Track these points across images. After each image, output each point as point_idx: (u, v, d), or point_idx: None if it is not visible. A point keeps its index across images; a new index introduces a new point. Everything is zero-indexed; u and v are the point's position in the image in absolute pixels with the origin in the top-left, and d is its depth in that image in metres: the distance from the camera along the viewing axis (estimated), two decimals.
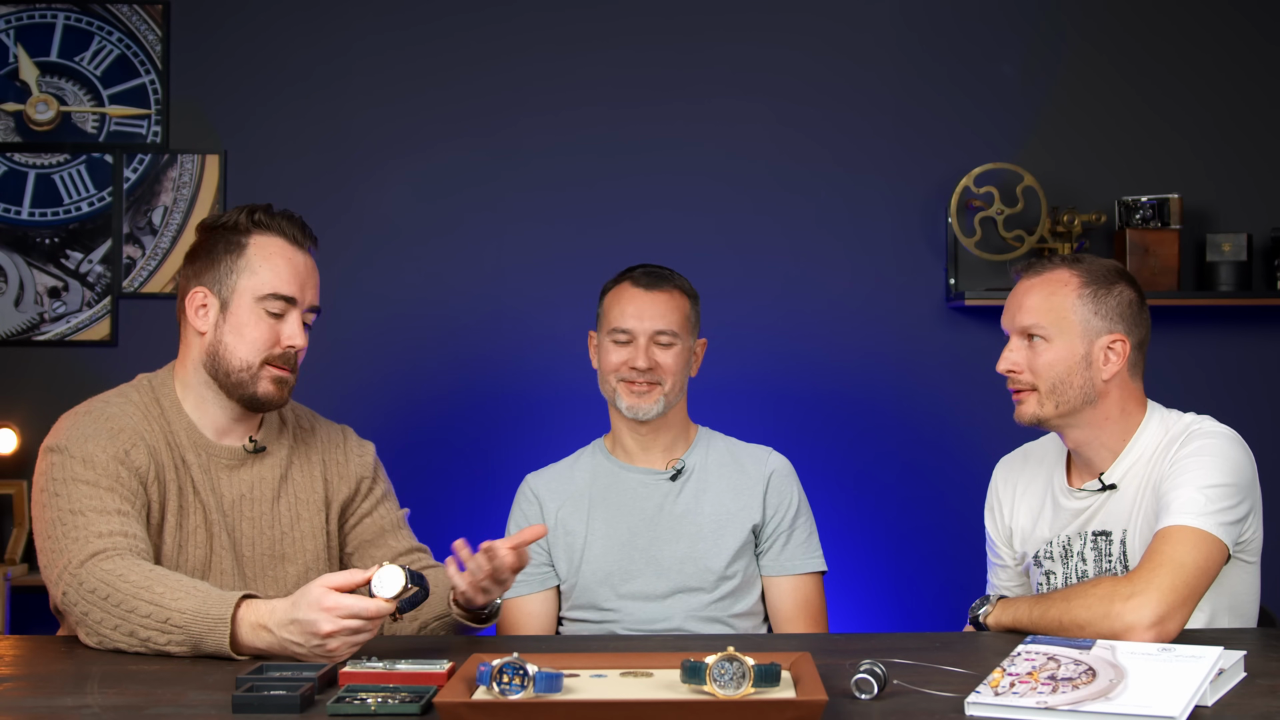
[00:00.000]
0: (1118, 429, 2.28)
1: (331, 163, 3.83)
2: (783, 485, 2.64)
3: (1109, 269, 2.31)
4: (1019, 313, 2.30)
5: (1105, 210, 3.76)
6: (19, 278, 3.78)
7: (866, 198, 3.85)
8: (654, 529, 2.59)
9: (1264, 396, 3.82)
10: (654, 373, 2.57)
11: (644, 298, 2.61)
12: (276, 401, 2.20)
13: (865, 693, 1.68)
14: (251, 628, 1.89)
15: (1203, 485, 2.12)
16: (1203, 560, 2.06)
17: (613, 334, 2.61)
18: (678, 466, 2.63)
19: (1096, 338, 2.26)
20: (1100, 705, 1.59)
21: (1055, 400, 2.26)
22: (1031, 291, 2.30)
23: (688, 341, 2.63)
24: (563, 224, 3.84)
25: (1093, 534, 2.29)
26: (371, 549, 2.32)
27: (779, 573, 2.60)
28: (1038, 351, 2.27)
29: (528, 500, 2.66)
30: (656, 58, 3.85)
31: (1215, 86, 3.86)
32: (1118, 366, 2.26)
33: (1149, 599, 1.99)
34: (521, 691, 1.57)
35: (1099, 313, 2.26)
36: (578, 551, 2.59)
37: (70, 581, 1.98)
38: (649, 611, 2.55)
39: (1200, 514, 2.09)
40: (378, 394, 3.77)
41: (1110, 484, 2.27)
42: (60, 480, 2.07)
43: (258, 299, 2.17)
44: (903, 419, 3.82)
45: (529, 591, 2.58)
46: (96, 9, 3.82)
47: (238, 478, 2.21)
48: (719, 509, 2.59)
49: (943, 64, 3.85)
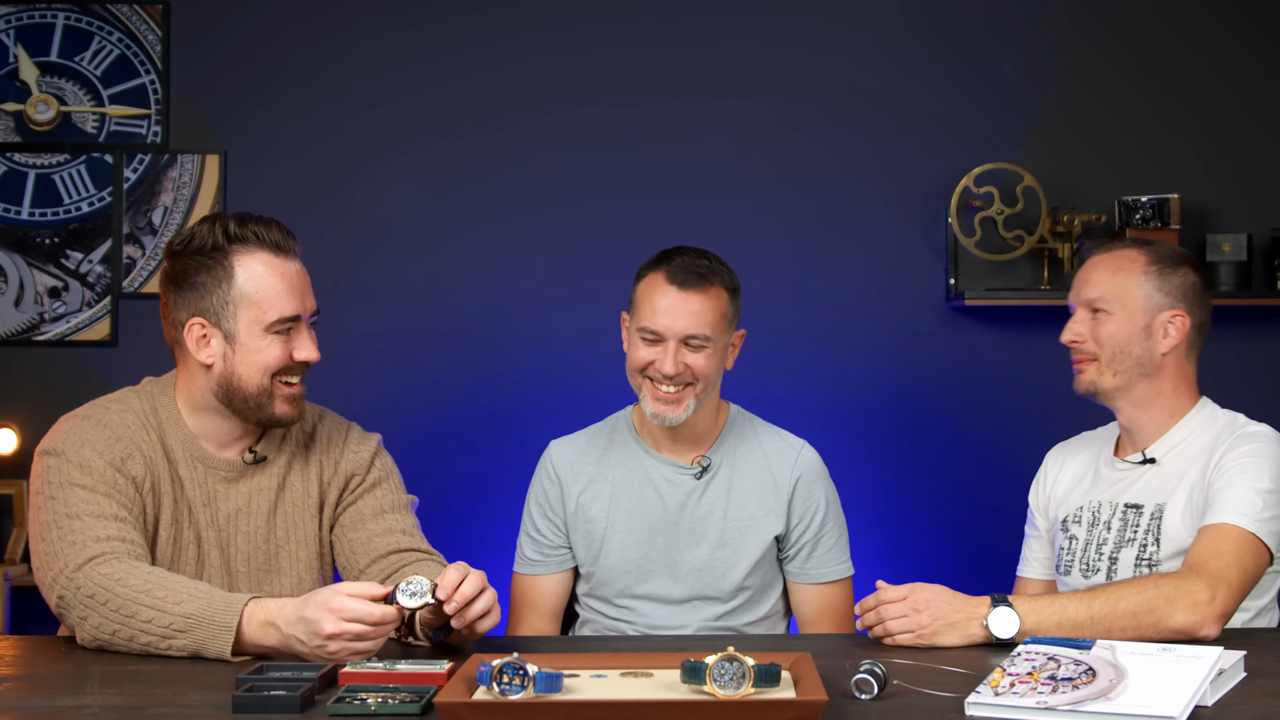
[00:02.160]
0: (1168, 406, 2.33)
1: (331, 163, 3.83)
2: (810, 490, 2.54)
3: (1176, 252, 2.38)
4: (1085, 286, 2.36)
5: (1105, 210, 3.76)
6: (19, 278, 3.78)
7: (867, 198, 3.85)
8: (675, 528, 2.51)
9: (1264, 396, 3.80)
10: (684, 374, 2.43)
11: (677, 298, 2.42)
12: (293, 419, 2.15)
13: (865, 693, 1.68)
14: (260, 625, 1.88)
15: (1260, 489, 2.16)
16: (1256, 565, 2.12)
17: (641, 331, 2.45)
18: (703, 464, 2.53)
19: (1159, 312, 2.31)
20: (1100, 705, 1.59)
21: (1114, 369, 2.31)
22: (1099, 267, 2.36)
23: (723, 340, 2.47)
24: (563, 224, 3.84)
25: (1124, 506, 2.32)
26: (349, 533, 2.22)
27: (806, 580, 2.54)
28: (1100, 322, 2.33)
29: (549, 479, 2.57)
30: (656, 58, 3.85)
31: (1215, 86, 3.86)
32: (1176, 340, 2.31)
33: (1220, 593, 2.02)
34: (521, 691, 1.57)
35: (1162, 289, 2.32)
36: (597, 541, 2.52)
37: (67, 586, 1.96)
38: (663, 616, 2.51)
39: (1257, 519, 2.13)
40: (377, 394, 3.76)
41: (1151, 458, 2.32)
42: (56, 484, 2.05)
43: (266, 327, 2.10)
44: (902, 419, 3.82)
45: (545, 572, 2.54)
46: (96, 9, 3.82)
47: (235, 491, 2.17)
48: (743, 514, 2.51)
49: (943, 64, 3.86)
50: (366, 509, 2.24)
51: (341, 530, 2.24)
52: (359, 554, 2.21)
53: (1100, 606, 2.02)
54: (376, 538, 2.21)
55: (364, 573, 2.19)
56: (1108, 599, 2.03)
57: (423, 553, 2.21)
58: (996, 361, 3.81)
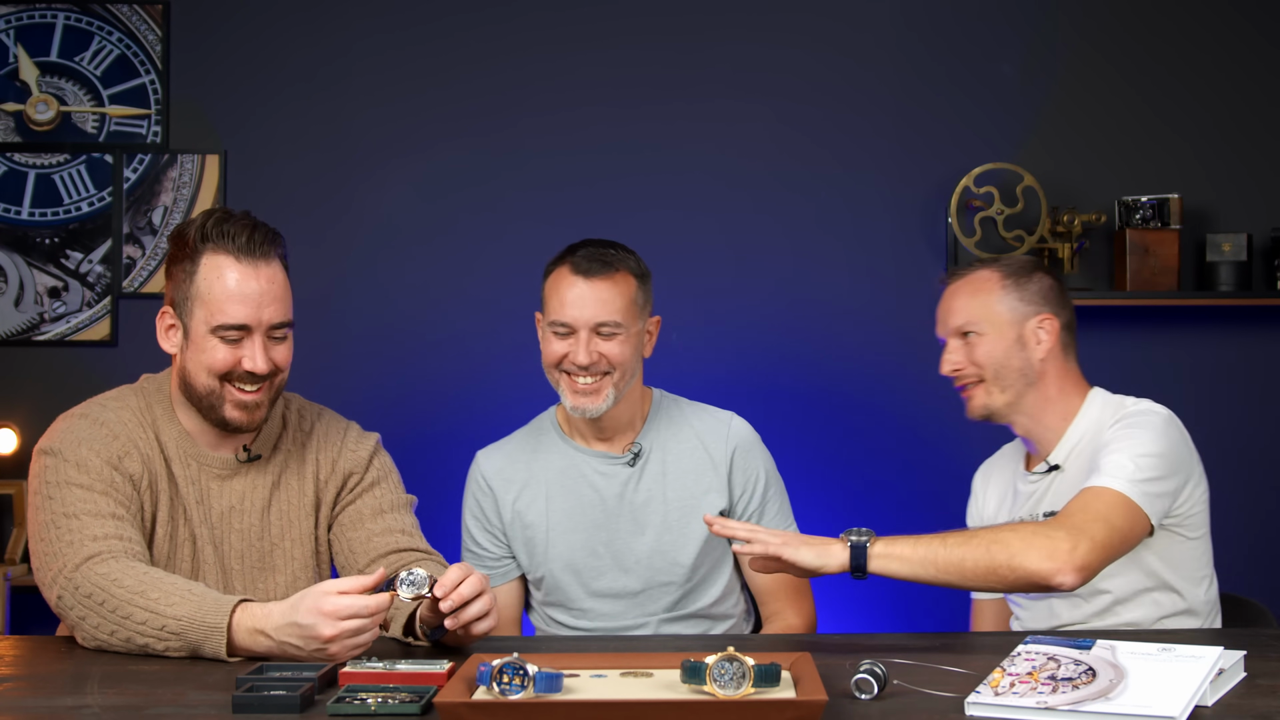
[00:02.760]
0: (1059, 410, 2.38)
1: (331, 163, 3.83)
2: (748, 461, 2.54)
3: (1025, 262, 2.45)
4: (949, 315, 2.42)
5: (1105, 210, 3.76)
6: (19, 278, 3.79)
7: (866, 198, 3.85)
8: (616, 521, 2.50)
9: (1264, 396, 3.82)
10: (599, 364, 2.43)
11: (583, 287, 2.42)
12: (246, 426, 2.12)
13: (865, 693, 1.68)
14: (248, 633, 1.88)
15: (1134, 454, 2.18)
16: (1128, 527, 2.12)
17: (552, 325, 2.45)
18: (634, 450, 2.52)
19: (1026, 320, 2.37)
20: (1100, 705, 1.59)
21: (1000, 385, 2.37)
22: (958, 294, 2.42)
23: (635, 326, 2.46)
24: (563, 224, 3.82)
25: (1043, 515, 2.34)
26: (348, 532, 2.22)
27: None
28: (974, 345, 2.38)
29: (481, 490, 2.56)
30: (656, 58, 3.85)
31: (1215, 86, 3.86)
32: (1050, 343, 2.36)
33: (1082, 546, 2.03)
34: (521, 691, 1.57)
35: (1023, 298, 2.38)
36: (540, 545, 2.51)
37: (65, 585, 1.97)
38: (621, 611, 2.49)
39: (1129, 480, 2.14)
40: (377, 394, 3.76)
41: (1055, 465, 2.36)
42: (54, 484, 2.05)
43: (210, 330, 2.08)
44: (902, 419, 3.82)
45: (492, 585, 2.52)
46: (96, 9, 3.82)
47: (228, 488, 2.17)
48: (683, 495, 2.50)
49: (943, 64, 3.86)
50: (365, 508, 2.24)
51: (340, 529, 2.24)
52: (358, 553, 2.20)
53: (955, 540, 2.05)
54: (376, 537, 2.21)
55: (363, 573, 2.18)
56: (966, 536, 2.07)
57: (422, 552, 2.21)
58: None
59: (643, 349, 2.51)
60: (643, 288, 2.50)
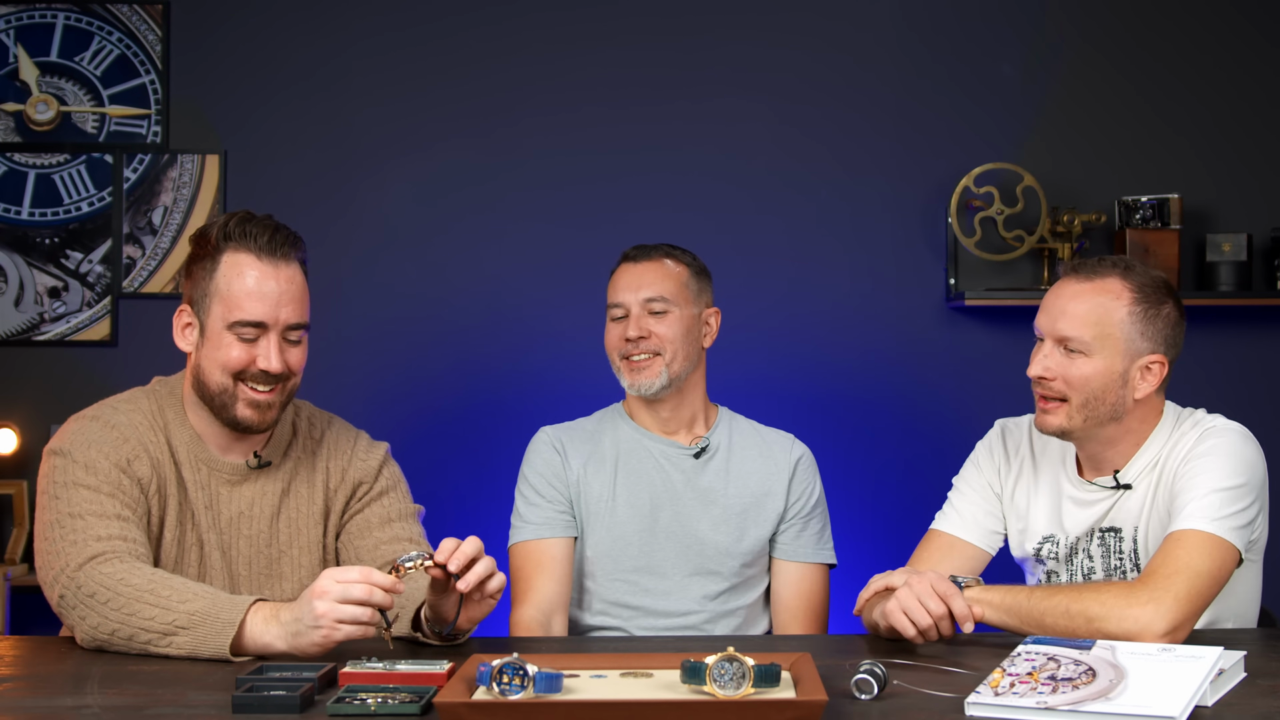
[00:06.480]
0: (1134, 438, 2.22)
1: (331, 163, 3.83)
2: (807, 474, 2.63)
3: (1159, 284, 2.22)
4: (1061, 319, 2.18)
5: (1105, 210, 3.76)
6: (19, 278, 3.78)
7: (867, 198, 3.85)
8: (678, 504, 2.55)
9: (1264, 396, 3.81)
10: (649, 341, 2.53)
11: (632, 269, 2.59)
12: (257, 426, 2.12)
13: (865, 693, 1.68)
14: (264, 620, 1.89)
15: (1217, 488, 2.08)
16: (1216, 567, 2.02)
17: (610, 311, 2.60)
18: (702, 444, 2.59)
19: (1138, 358, 2.17)
20: (1100, 705, 1.59)
21: (1085, 415, 2.17)
22: (1079, 298, 2.17)
23: (688, 309, 2.57)
24: (563, 224, 3.84)
25: (1100, 531, 2.24)
26: (356, 540, 2.23)
27: (789, 558, 2.58)
28: (1075, 363, 2.16)
29: (549, 449, 2.59)
30: (656, 58, 3.85)
31: (1215, 86, 3.86)
32: (1153, 387, 2.18)
33: (1164, 606, 1.95)
34: (521, 692, 1.57)
35: (1145, 333, 2.17)
36: (602, 516, 2.54)
37: (68, 585, 1.97)
38: (665, 590, 2.51)
39: (1215, 519, 2.05)
40: (378, 394, 3.77)
41: (1125, 484, 2.21)
42: (61, 484, 2.06)
43: (227, 326, 2.09)
44: (903, 419, 3.82)
45: (551, 535, 2.52)
46: (96, 9, 3.82)
47: (238, 494, 2.17)
48: (744, 491, 2.57)
49: (943, 64, 3.86)
50: (373, 517, 2.25)
51: (348, 537, 2.25)
52: (364, 561, 2.21)
53: (1040, 594, 2.01)
54: (383, 545, 2.22)
55: None
56: (1049, 592, 2.01)
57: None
58: (996, 361, 3.81)
59: (700, 337, 2.61)
60: (696, 279, 2.62)
